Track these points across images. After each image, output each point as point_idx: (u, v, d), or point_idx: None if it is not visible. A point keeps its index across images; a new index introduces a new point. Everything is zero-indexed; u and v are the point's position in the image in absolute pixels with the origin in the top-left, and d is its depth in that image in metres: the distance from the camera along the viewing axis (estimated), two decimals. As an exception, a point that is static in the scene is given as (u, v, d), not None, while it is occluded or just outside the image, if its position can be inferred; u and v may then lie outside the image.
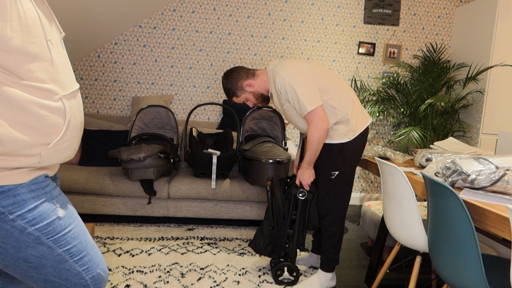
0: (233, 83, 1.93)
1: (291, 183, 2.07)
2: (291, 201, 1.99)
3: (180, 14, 3.42)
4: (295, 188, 1.95)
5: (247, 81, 1.92)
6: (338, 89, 1.81)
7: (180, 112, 3.57)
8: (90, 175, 2.67)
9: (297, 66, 1.78)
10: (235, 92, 1.95)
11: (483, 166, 1.31)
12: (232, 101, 2.02)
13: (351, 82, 3.64)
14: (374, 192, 3.84)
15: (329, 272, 2.00)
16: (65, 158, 0.91)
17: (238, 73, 1.93)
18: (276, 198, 1.99)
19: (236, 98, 1.98)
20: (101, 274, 0.95)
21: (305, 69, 1.78)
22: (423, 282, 2.15)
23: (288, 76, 1.74)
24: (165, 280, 1.97)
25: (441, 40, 3.71)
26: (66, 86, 0.87)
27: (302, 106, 1.73)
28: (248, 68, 1.97)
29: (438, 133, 3.34)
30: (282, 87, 1.76)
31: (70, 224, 0.89)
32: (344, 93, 1.82)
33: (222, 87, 2.01)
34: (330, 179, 1.87)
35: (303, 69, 1.78)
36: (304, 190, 1.92)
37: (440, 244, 1.28)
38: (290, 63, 1.81)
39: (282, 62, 1.85)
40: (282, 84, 1.75)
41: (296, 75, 1.74)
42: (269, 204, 2.02)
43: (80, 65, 3.43)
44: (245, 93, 1.95)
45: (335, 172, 1.86)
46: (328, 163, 1.86)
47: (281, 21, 3.53)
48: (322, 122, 1.73)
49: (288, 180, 2.10)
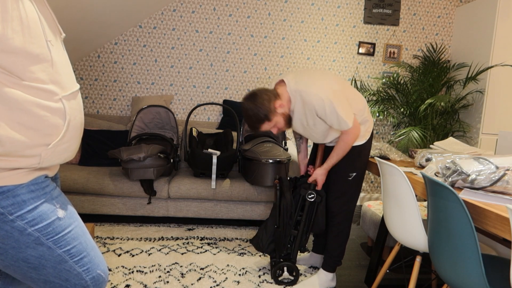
0: (265, 106, 1.69)
1: (299, 183, 2.06)
2: (298, 202, 1.99)
3: (180, 14, 3.42)
4: (304, 190, 1.95)
5: (277, 101, 1.73)
6: (353, 95, 1.83)
7: (180, 112, 3.57)
8: (90, 175, 2.67)
9: (325, 84, 1.70)
10: (268, 115, 1.71)
11: (483, 166, 1.31)
12: (259, 130, 1.78)
13: (351, 82, 3.64)
14: (374, 192, 3.84)
15: (331, 272, 2.00)
16: (65, 159, 0.91)
17: (266, 94, 1.71)
18: (285, 198, 1.98)
19: (268, 123, 1.74)
20: (101, 275, 0.95)
21: (332, 84, 1.72)
22: (423, 282, 2.15)
23: (327, 98, 1.66)
24: (165, 280, 1.97)
25: (441, 40, 3.71)
26: (66, 86, 0.87)
27: (343, 123, 1.70)
28: (267, 88, 1.77)
29: (438, 133, 3.34)
30: (321, 108, 1.67)
31: (70, 224, 0.89)
32: (357, 97, 1.85)
33: (247, 114, 1.72)
34: (348, 180, 1.91)
35: (330, 84, 1.71)
36: (314, 192, 1.92)
37: (440, 244, 1.28)
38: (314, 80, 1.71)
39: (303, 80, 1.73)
40: (322, 106, 1.66)
41: (331, 94, 1.67)
42: (276, 202, 2.02)
43: (80, 65, 3.43)
44: (276, 115, 1.74)
45: (353, 173, 1.90)
46: (348, 165, 1.89)
47: (281, 21, 3.53)
48: (358, 131, 1.77)
49: (296, 180, 2.09)
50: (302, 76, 1.77)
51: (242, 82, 3.57)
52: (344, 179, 1.91)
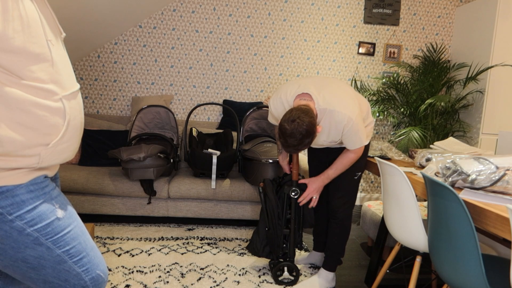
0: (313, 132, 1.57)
1: (283, 182, 2.07)
2: (285, 200, 1.99)
3: (180, 14, 3.42)
4: (288, 187, 1.95)
5: (317, 126, 1.61)
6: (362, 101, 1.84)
7: (180, 112, 3.57)
8: (90, 175, 2.67)
9: (352, 103, 1.68)
10: (313, 139, 1.60)
11: (483, 166, 1.31)
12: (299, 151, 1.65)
13: (351, 82, 3.64)
14: (374, 192, 3.84)
15: (331, 272, 2.01)
16: (65, 159, 0.90)
17: (311, 118, 1.56)
18: (269, 199, 1.99)
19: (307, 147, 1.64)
20: (100, 275, 0.95)
21: (357, 104, 1.70)
22: (423, 282, 2.15)
23: (356, 118, 1.66)
24: (165, 280, 1.97)
25: (441, 40, 3.71)
26: (67, 86, 0.87)
27: (358, 142, 1.73)
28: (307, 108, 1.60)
29: (438, 133, 3.34)
30: (349, 129, 1.67)
31: (69, 224, 0.89)
32: (364, 102, 1.86)
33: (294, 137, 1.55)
34: (353, 179, 1.94)
35: (356, 104, 1.69)
36: (297, 189, 1.93)
37: (440, 244, 1.28)
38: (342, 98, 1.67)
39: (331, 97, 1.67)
40: (350, 126, 1.67)
41: (358, 116, 1.67)
42: (262, 205, 2.02)
43: (80, 65, 3.43)
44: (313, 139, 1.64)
45: (359, 173, 1.94)
46: (355, 165, 1.90)
47: (281, 21, 3.53)
48: (361, 152, 1.81)
49: (280, 179, 2.10)
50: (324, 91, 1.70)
51: (242, 82, 3.57)
52: (350, 179, 1.93)
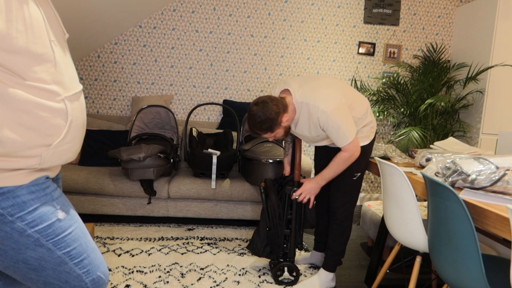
0: (272, 117, 1.69)
1: (284, 182, 2.07)
2: (286, 201, 2.00)
3: (180, 14, 3.42)
4: (289, 187, 1.96)
5: (284, 115, 1.73)
6: (357, 100, 1.83)
7: (180, 112, 3.57)
8: (90, 175, 2.67)
9: (332, 97, 1.70)
10: (273, 127, 1.72)
11: (483, 166, 1.31)
12: (258, 135, 1.79)
13: (351, 82, 3.64)
14: (374, 192, 3.84)
15: (331, 272, 2.01)
16: (66, 160, 0.90)
17: (276, 105, 1.70)
18: (270, 199, 1.99)
19: (270, 133, 1.76)
20: (101, 277, 0.95)
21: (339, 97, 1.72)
22: (423, 282, 2.15)
23: (331, 112, 1.66)
24: (165, 280, 1.97)
25: (441, 40, 3.71)
26: (69, 87, 0.87)
27: (343, 139, 1.72)
28: (277, 98, 1.74)
29: (438, 133, 3.34)
30: (325, 123, 1.69)
31: (70, 226, 0.89)
32: (361, 100, 1.85)
33: (253, 119, 1.72)
34: (352, 180, 1.92)
35: (337, 97, 1.71)
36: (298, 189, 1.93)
37: (440, 244, 1.28)
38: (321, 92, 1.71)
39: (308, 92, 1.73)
40: (325, 120, 1.68)
41: (337, 109, 1.68)
42: (264, 205, 2.03)
43: (80, 65, 3.43)
44: (280, 128, 1.76)
45: (358, 173, 1.92)
46: (352, 166, 1.89)
47: (281, 21, 3.53)
48: (357, 152, 1.77)
49: (281, 180, 2.10)
50: (306, 86, 1.75)
51: (242, 82, 3.57)
52: (349, 179, 1.92)
